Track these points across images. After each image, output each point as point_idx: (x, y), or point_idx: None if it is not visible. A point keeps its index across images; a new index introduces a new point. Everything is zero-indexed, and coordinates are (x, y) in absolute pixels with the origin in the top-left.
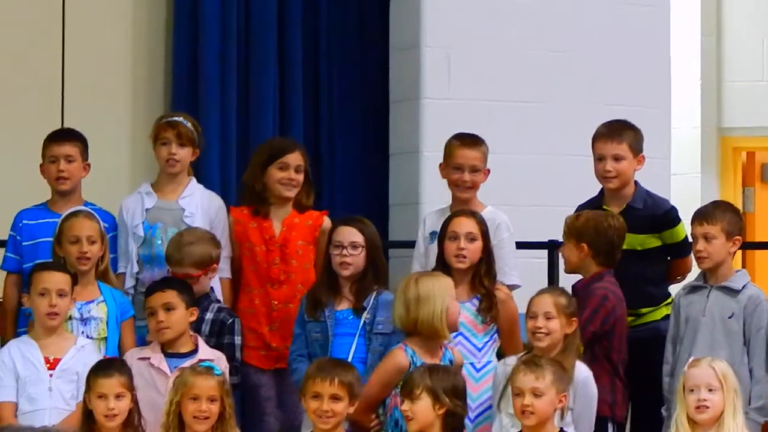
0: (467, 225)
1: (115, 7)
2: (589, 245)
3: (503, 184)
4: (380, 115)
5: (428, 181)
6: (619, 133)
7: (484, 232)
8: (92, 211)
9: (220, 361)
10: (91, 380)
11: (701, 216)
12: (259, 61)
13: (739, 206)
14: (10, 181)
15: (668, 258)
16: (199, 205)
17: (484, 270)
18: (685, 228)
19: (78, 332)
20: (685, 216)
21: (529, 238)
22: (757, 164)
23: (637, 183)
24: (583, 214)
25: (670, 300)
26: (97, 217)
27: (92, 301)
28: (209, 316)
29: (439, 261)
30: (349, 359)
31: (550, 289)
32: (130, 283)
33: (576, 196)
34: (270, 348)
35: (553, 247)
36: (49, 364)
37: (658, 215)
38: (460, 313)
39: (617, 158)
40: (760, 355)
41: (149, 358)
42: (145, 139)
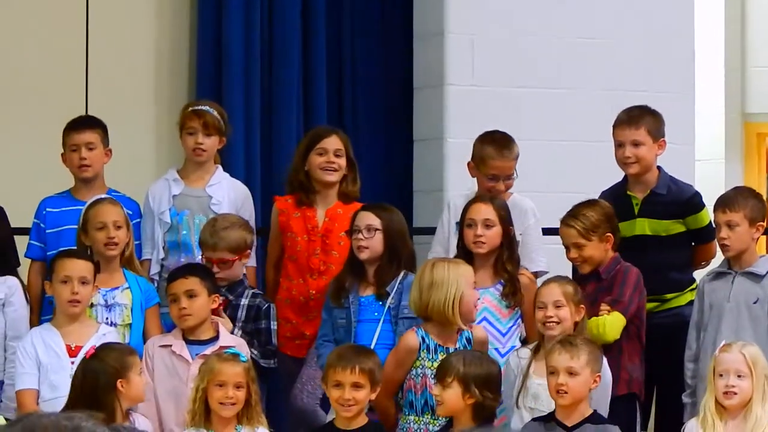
0: (484, 212)
1: None
2: (612, 232)
3: (527, 171)
4: (404, 102)
5: (452, 167)
6: (637, 119)
7: (503, 217)
8: (116, 198)
9: (242, 348)
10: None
11: (724, 203)
12: (282, 48)
13: (763, 192)
14: (34, 169)
15: (692, 244)
16: (225, 193)
17: (506, 255)
18: (710, 213)
19: (102, 319)
20: (710, 202)
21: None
22: None
23: (660, 168)
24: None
25: (694, 286)
26: (121, 204)
27: (117, 287)
28: (244, 302)
29: (460, 247)
30: (373, 345)
31: (557, 279)
32: (155, 269)
33: (600, 182)
34: (305, 337)
35: None
36: (71, 352)
37: (682, 201)
38: (477, 302)
39: (636, 144)
40: None
41: (171, 346)
42: (169, 126)
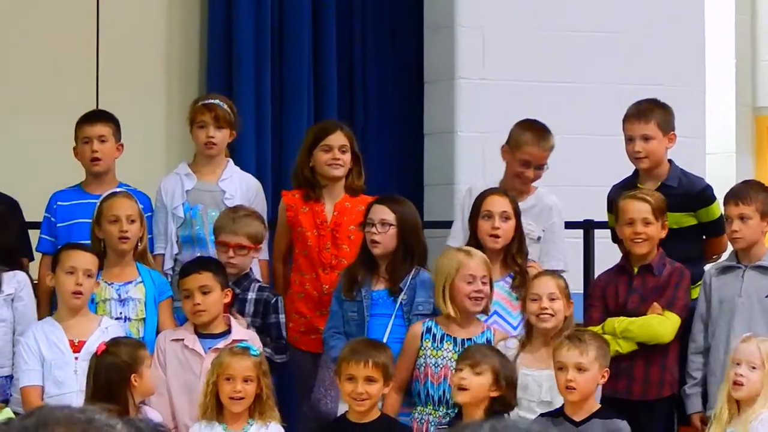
0: (502, 204)
1: None
2: (665, 219)
3: None
4: (415, 96)
5: (463, 161)
6: (646, 113)
7: (516, 210)
8: (131, 192)
9: (254, 342)
10: None
11: (735, 196)
12: (293, 42)
13: None
14: (45, 163)
15: (703, 237)
16: (237, 187)
17: (516, 248)
18: (720, 207)
19: (116, 314)
20: (720, 196)
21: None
22: None
23: (671, 161)
24: (645, 193)
25: None
26: (135, 198)
27: (130, 282)
28: (252, 295)
29: (472, 240)
30: (385, 340)
31: (549, 272)
32: (169, 264)
33: (610, 176)
34: (319, 332)
35: (588, 227)
36: (74, 347)
37: (693, 193)
38: (471, 293)
39: (646, 138)
40: None
41: (183, 339)
42: (179, 120)
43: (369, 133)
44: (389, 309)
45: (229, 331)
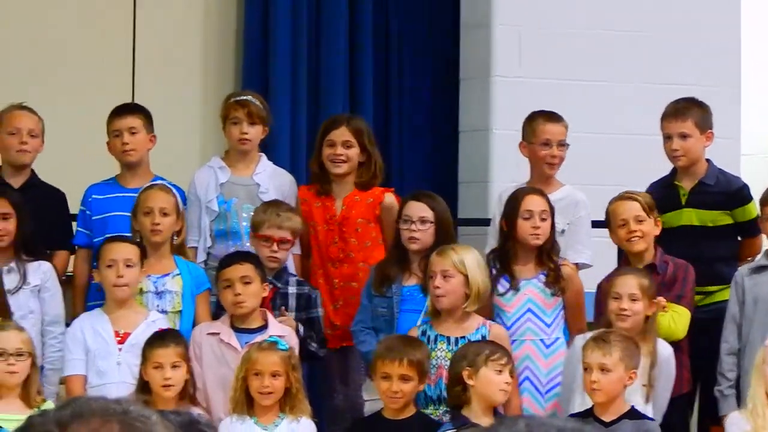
0: (540, 203)
1: None
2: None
3: (573, 163)
4: (450, 93)
5: (498, 159)
6: (683, 112)
7: (552, 209)
8: (168, 185)
9: (290, 337)
10: (147, 351)
11: None
12: (329, 39)
13: None
14: (82, 157)
15: (738, 238)
16: (271, 181)
17: (549, 245)
18: (757, 207)
19: (153, 306)
20: (757, 196)
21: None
22: None
23: (709, 161)
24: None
25: None
26: (174, 191)
27: (167, 274)
28: (293, 290)
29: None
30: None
31: (634, 271)
32: (201, 257)
33: (648, 174)
34: (335, 327)
35: None
36: (119, 338)
37: (730, 192)
38: (431, 296)
39: (683, 136)
40: None
41: (219, 333)
42: (215, 115)
43: (404, 129)
44: (419, 305)
45: (265, 326)
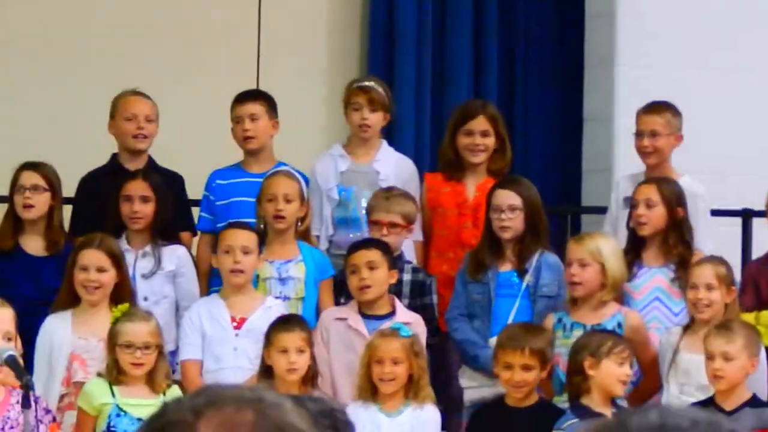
0: (646, 192)
1: None
2: None
3: (697, 152)
4: (575, 80)
5: (621, 147)
6: None
7: (668, 198)
8: (293, 171)
9: (418, 325)
10: (272, 335)
11: None
12: (454, 26)
13: None
14: (207, 142)
15: None
16: (392, 168)
17: (674, 236)
18: None
19: (276, 292)
20: None
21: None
22: None
23: None
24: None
25: None
26: (298, 177)
27: (291, 260)
28: (407, 277)
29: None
30: (510, 321)
31: (710, 259)
32: (324, 245)
33: None
34: None
35: (747, 216)
36: (235, 323)
37: None
38: (567, 283)
39: None
40: None
41: (346, 319)
42: (339, 101)
43: (529, 116)
44: (515, 290)
45: (393, 313)
